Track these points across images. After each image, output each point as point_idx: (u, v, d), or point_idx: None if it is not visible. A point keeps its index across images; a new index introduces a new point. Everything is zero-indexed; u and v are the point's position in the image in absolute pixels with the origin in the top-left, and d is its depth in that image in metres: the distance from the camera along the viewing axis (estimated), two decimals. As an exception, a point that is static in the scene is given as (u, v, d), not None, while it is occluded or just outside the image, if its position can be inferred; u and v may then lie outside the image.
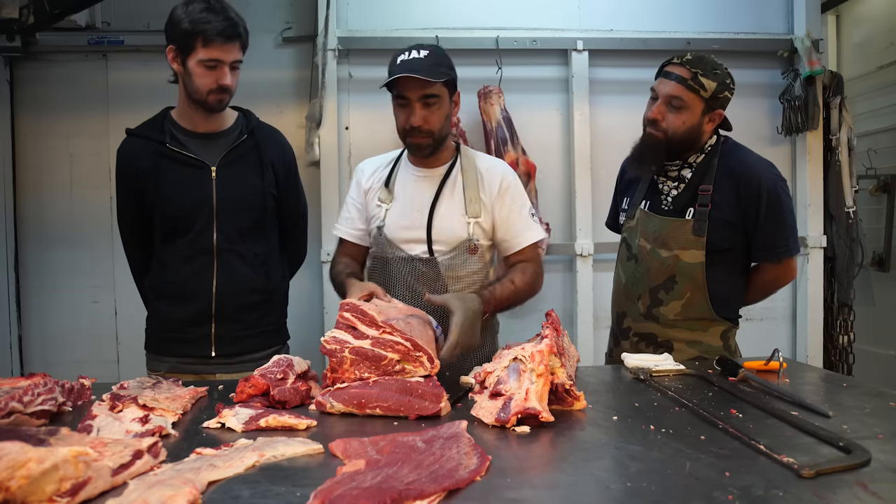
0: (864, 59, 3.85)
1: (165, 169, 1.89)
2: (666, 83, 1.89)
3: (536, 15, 3.28)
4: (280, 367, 1.48)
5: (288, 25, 3.33)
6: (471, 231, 1.88)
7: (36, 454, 0.86)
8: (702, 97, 1.86)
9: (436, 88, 1.79)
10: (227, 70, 1.81)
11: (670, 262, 1.92)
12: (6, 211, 3.20)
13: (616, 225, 2.24)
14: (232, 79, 1.84)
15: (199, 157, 1.89)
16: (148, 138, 1.90)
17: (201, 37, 1.76)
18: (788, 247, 1.93)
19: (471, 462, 1.03)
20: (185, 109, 1.91)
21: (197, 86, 1.82)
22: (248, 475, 1.02)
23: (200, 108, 1.87)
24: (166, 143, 1.89)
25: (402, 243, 1.90)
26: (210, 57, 1.78)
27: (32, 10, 2.86)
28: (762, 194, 1.87)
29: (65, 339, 3.30)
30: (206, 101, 1.84)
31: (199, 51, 1.77)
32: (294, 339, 2.15)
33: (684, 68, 1.86)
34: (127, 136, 1.97)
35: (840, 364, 3.46)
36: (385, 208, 1.93)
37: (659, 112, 1.90)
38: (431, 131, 1.82)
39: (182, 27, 1.77)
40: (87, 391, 1.47)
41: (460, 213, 1.89)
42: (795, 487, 0.95)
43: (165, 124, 1.93)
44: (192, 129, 1.93)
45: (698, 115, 1.88)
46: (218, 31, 1.75)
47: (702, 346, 1.95)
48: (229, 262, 1.91)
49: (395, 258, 1.90)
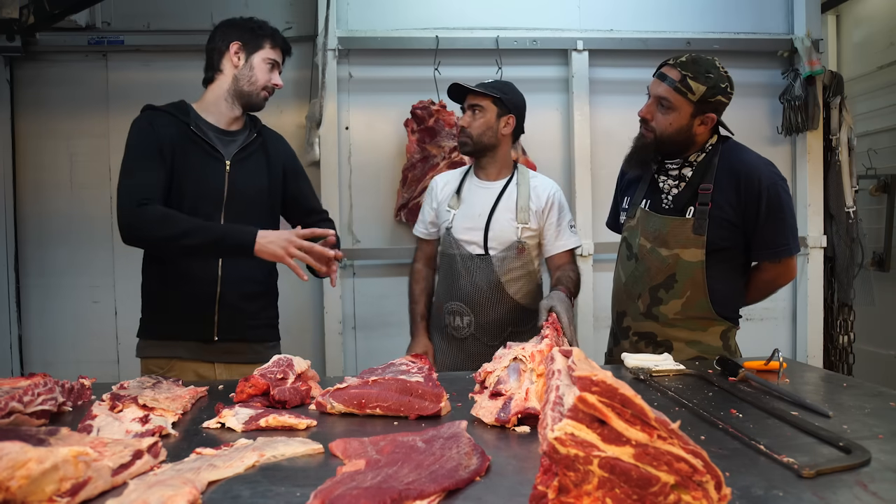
0: (864, 59, 3.85)
1: (183, 150, 1.90)
2: (657, 84, 1.91)
3: (536, 15, 3.29)
4: (280, 367, 1.48)
5: (288, 25, 3.32)
6: (519, 234, 2.23)
7: (36, 454, 0.86)
8: (689, 100, 1.87)
9: (479, 99, 2.22)
10: (278, 73, 2.02)
11: (670, 261, 1.92)
12: (6, 210, 3.20)
13: (617, 225, 2.24)
14: None
15: (217, 148, 1.95)
16: (174, 115, 1.93)
17: (270, 38, 1.99)
18: (788, 246, 1.93)
19: (471, 462, 1.03)
20: (219, 104, 1.98)
21: (257, 78, 1.97)
22: (248, 475, 1.02)
23: (245, 102, 1.98)
24: (190, 125, 1.92)
25: (464, 243, 2.26)
26: (273, 57, 2.00)
27: (32, 10, 2.86)
28: (762, 193, 1.87)
29: (65, 339, 3.30)
30: (258, 95, 1.98)
31: (266, 49, 1.98)
32: (294, 339, 2.16)
33: (676, 70, 1.88)
34: (150, 109, 1.95)
35: (840, 364, 3.46)
36: (453, 213, 2.30)
37: (648, 111, 1.94)
38: (471, 135, 2.23)
39: (251, 26, 1.99)
40: (87, 391, 1.47)
41: (512, 220, 2.24)
42: (795, 487, 0.95)
43: (190, 111, 1.97)
44: (216, 123, 1.99)
45: (687, 117, 1.89)
46: (280, 39, 2.02)
47: (701, 345, 1.95)
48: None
49: (459, 255, 2.27)
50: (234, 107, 1.99)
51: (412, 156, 3.15)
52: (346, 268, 3.22)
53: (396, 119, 3.23)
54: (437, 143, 3.13)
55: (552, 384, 0.98)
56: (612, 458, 0.81)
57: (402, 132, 3.22)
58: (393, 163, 3.28)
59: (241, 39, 1.97)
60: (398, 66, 3.26)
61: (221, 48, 1.98)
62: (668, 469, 0.81)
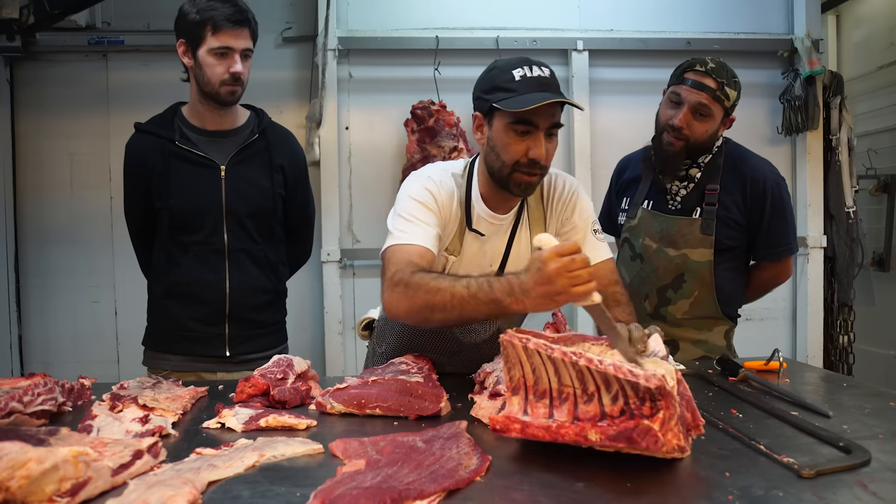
0: (864, 59, 3.84)
1: (175, 167, 1.87)
2: (694, 93, 1.86)
3: (536, 15, 3.29)
4: (280, 367, 1.48)
5: (288, 25, 3.33)
6: None
7: (36, 454, 0.86)
8: (724, 106, 1.88)
9: (561, 116, 1.51)
10: (238, 58, 1.80)
11: (678, 261, 1.93)
12: (6, 211, 3.20)
13: (608, 225, 2.23)
14: (244, 68, 1.82)
15: (208, 156, 1.88)
16: (157, 135, 1.88)
17: (210, 24, 1.76)
18: (789, 245, 1.97)
19: (471, 462, 1.03)
20: (197, 106, 1.89)
21: (209, 77, 1.80)
22: (248, 475, 1.02)
23: (213, 102, 1.85)
24: (175, 140, 1.87)
25: None
26: (220, 44, 1.77)
27: (32, 10, 2.85)
28: (767, 194, 1.90)
29: (65, 339, 3.30)
30: (219, 94, 1.82)
31: (208, 39, 1.77)
32: (294, 339, 2.15)
33: (711, 78, 1.85)
34: (136, 131, 1.94)
35: (840, 364, 3.46)
36: (453, 260, 1.61)
37: (685, 120, 1.88)
38: (547, 168, 1.52)
39: (190, 18, 1.78)
40: (87, 391, 1.47)
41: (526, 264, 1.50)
42: (795, 487, 0.95)
43: (175, 121, 1.91)
44: (203, 126, 1.91)
45: (718, 122, 1.90)
46: (226, 16, 1.75)
47: (707, 345, 1.97)
48: (241, 263, 1.90)
49: None
50: (211, 107, 1.87)
51: (412, 156, 3.15)
52: (346, 268, 3.22)
53: (396, 119, 3.23)
54: (437, 143, 3.13)
55: None
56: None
57: (402, 132, 3.22)
58: (393, 163, 3.27)
59: (183, 37, 1.81)
60: (398, 66, 3.25)
61: (176, 50, 1.85)
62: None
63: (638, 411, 0.98)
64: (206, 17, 1.75)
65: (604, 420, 1.01)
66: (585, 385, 1.05)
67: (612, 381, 1.01)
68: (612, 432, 0.98)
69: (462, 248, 1.61)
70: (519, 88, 1.44)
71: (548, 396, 1.10)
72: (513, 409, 1.13)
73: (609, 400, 1.02)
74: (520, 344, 1.11)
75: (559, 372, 1.08)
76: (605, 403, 1.02)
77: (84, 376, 1.51)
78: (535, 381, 1.11)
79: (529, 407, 1.11)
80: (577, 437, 1.01)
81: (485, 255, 1.63)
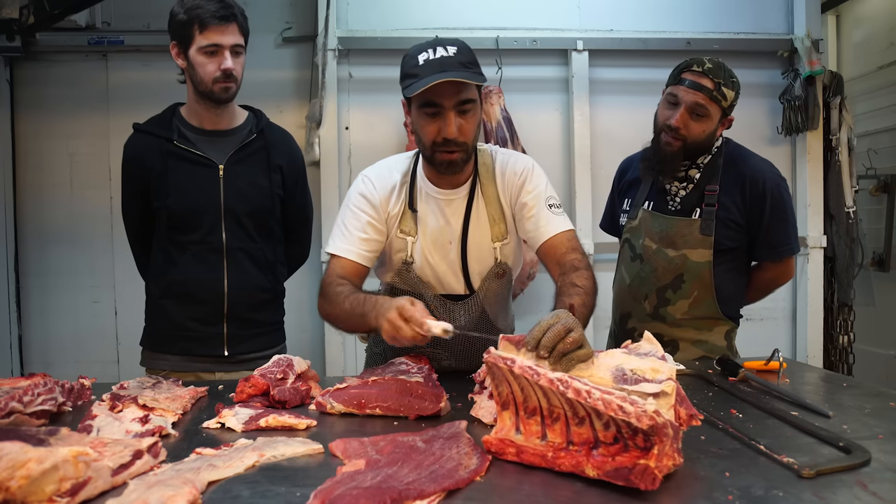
0: (864, 59, 3.85)
1: (173, 167, 1.88)
2: (691, 93, 1.86)
3: (536, 15, 3.28)
4: (280, 367, 1.48)
5: (288, 25, 3.33)
6: (497, 256, 1.68)
7: (36, 454, 0.86)
8: (721, 106, 1.88)
9: (472, 92, 1.52)
10: (228, 54, 1.81)
11: (678, 262, 1.93)
12: (6, 211, 3.20)
13: (611, 226, 2.23)
14: (235, 64, 1.83)
15: (206, 155, 1.89)
16: (155, 135, 1.90)
17: (197, 23, 1.78)
18: (790, 246, 1.96)
19: (471, 462, 1.03)
20: (194, 106, 1.91)
21: (201, 76, 1.81)
22: (248, 475, 1.02)
23: (208, 100, 1.86)
24: (174, 140, 1.88)
25: (436, 281, 1.69)
26: (209, 42, 1.78)
27: (32, 10, 2.86)
28: (767, 194, 1.89)
29: (65, 339, 3.30)
30: (213, 92, 1.83)
31: (197, 38, 1.79)
32: (293, 339, 2.15)
33: (707, 78, 1.85)
34: (134, 131, 1.96)
35: (840, 364, 3.46)
36: (411, 241, 1.66)
37: (682, 121, 1.88)
38: (467, 144, 1.54)
39: (178, 19, 1.80)
40: (87, 391, 1.47)
41: (487, 239, 1.67)
42: (795, 487, 0.95)
43: (173, 121, 1.92)
44: (201, 126, 1.92)
45: (716, 122, 1.90)
46: (211, 13, 1.77)
47: (707, 345, 1.96)
48: (239, 262, 1.91)
49: (432, 296, 1.68)
50: (208, 106, 1.88)
51: (412, 156, 3.15)
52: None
53: (396, 119, 3.23)
54: (437, 143, 3.13)
55: None
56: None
57: (402, 132, 3.21)
58: (393, 163, 3.27)
59: (175, 38, 1.83)
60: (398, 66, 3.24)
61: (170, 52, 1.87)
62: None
63: (632, 441, 0.96)
64: (193, 16, 1.78)
65: (598, 447, 1.00)
66: (576, 410, 1.03)
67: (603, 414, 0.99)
68: (610, 468, 0.96)
69: (417, 227, 1.67)
70: (421, 72, 1.50)
71: (538, 414, 1.08)
72: (505, 425, 1.11)
73: (601, 426, 0.99)
74: (505, 367, 1.09)
75: (548, 396, 1.06)
76: (598, 429, 1.00)
77: (84, 376, 1.51)
78: (525, 399, 1.10)
79: (521, 424, 1.09)
80: (573, 469, 1.00)
81: (442, 233, 1.67)
